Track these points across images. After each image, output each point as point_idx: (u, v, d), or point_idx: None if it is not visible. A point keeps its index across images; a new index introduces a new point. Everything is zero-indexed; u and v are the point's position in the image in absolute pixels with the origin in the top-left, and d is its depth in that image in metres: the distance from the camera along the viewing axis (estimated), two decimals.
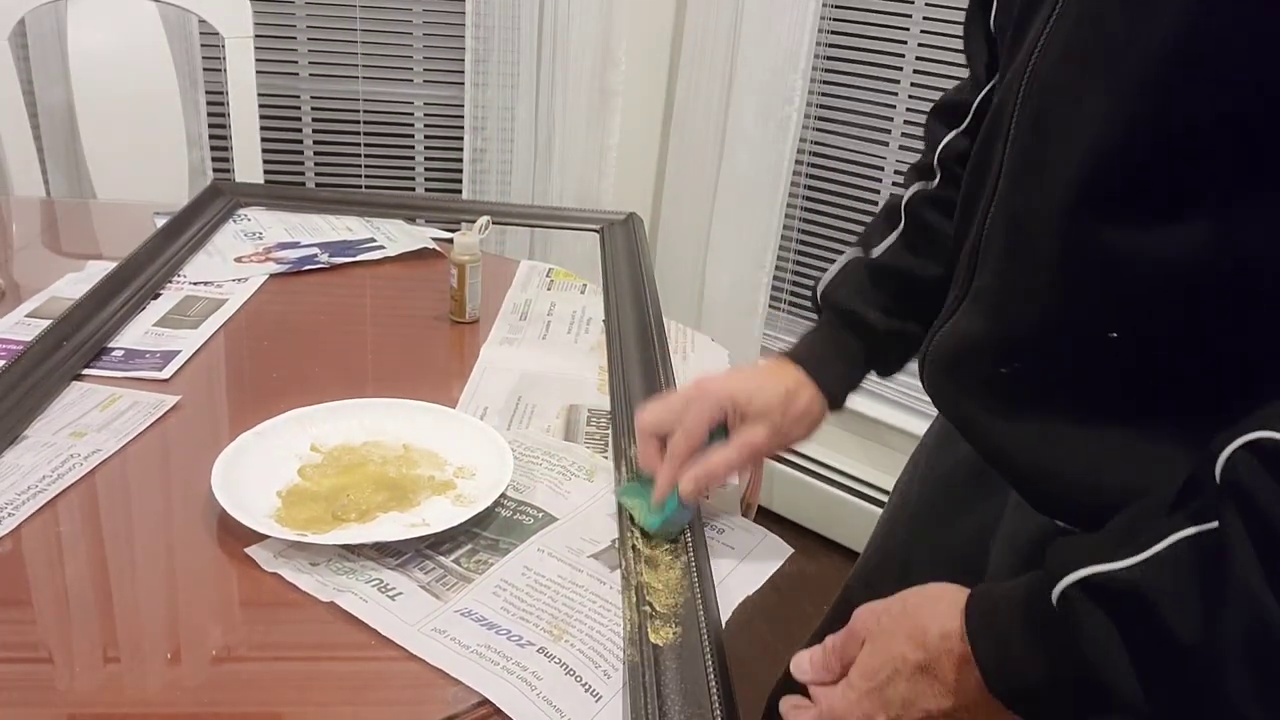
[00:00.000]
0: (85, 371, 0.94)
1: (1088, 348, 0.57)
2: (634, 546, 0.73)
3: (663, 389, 0.96)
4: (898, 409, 1.98)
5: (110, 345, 1.00)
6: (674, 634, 0.65)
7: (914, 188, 0.82)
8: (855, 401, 0.82)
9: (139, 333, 1.03)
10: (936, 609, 0.56)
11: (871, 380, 0.83)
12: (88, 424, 0.85)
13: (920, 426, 1.31)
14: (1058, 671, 0.49)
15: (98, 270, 1.14)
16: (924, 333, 0.74)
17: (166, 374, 0.95)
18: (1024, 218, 0.61)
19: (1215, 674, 0.43)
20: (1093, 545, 0.49)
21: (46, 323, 0.99)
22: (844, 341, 0.81)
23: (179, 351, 0.99)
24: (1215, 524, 0.44)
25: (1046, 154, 0.58)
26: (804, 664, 0.63)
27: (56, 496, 0.76)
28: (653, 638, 0.64)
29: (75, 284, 1.12)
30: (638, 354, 1.03)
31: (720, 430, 0.76)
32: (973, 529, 0.75)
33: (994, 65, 0.72)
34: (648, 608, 0.67)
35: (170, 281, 1.15)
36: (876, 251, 0.83)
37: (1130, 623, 0.46)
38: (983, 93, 0.76)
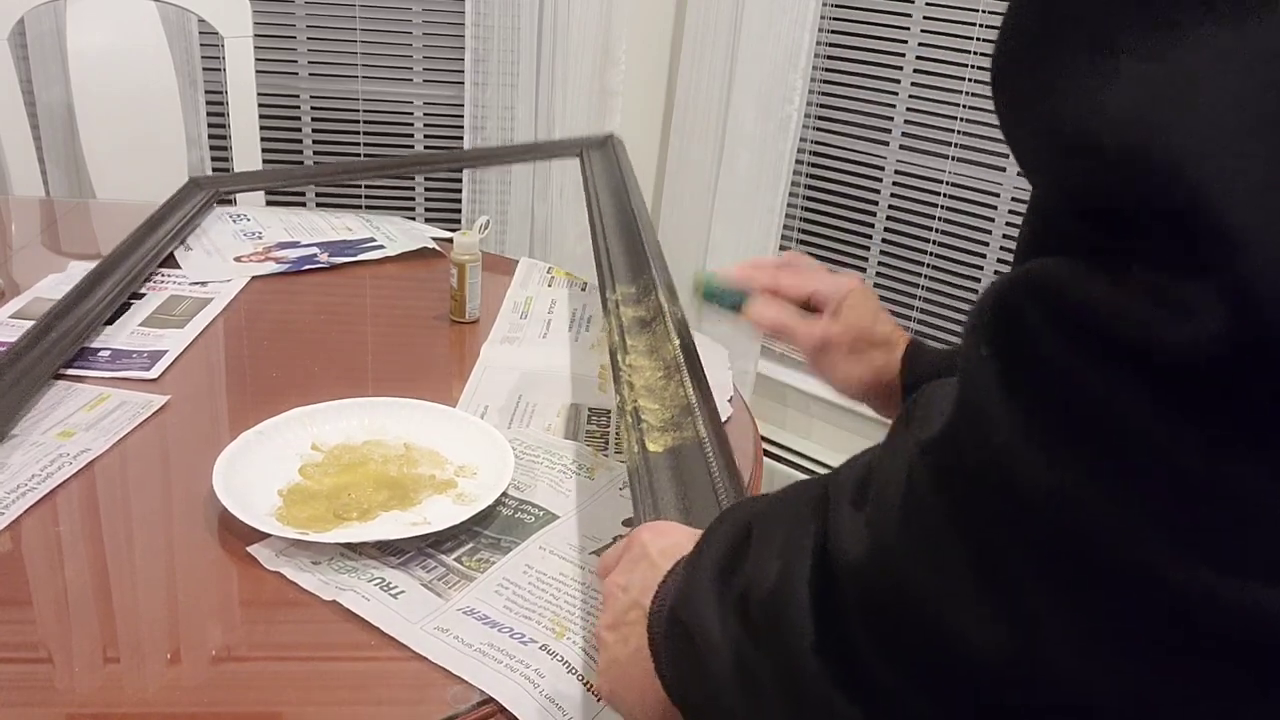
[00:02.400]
0: (71, 372, 0.94)
1: None
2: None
3: (649, 264, 0.99)
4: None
5: (96, 345, 0.99)
6: None
7: None
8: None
9: (125, 333, 1.02)
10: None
11: None
12: (75, 423, 0.85)
13: None
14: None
15: (79, 270, 1.14)
16: None
17: (154, 374, 0.95)
18: None
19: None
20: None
21: (29, 323, 0.98)
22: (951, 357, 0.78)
23: (166, 351, 0.99)
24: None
25: None
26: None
27: (46, 495, 0.75)
28: None
29: (58, 285, 1.12)
30: (622, 244, 1.07)
31: None
32: None
33: None
34: None
35: (157, 279, 1.14)
36: None
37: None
38: None
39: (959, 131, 1.84)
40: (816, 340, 0.78)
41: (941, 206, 1.90)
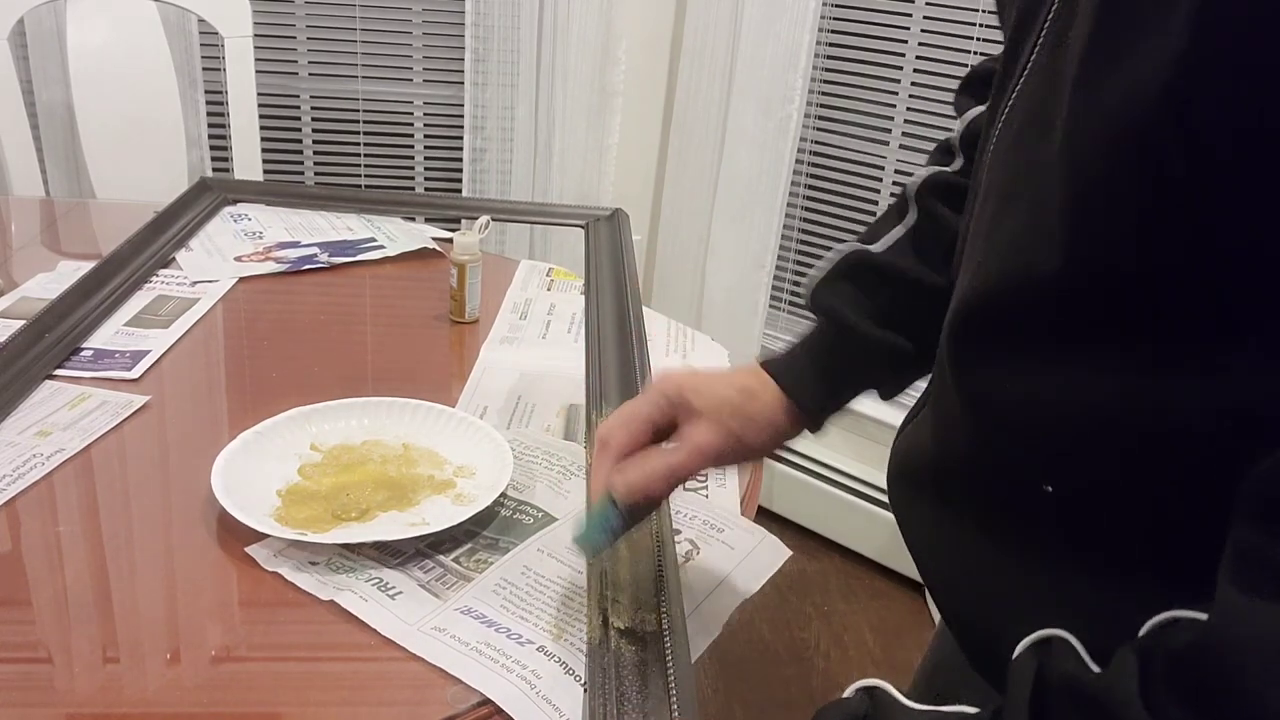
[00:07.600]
0: (55, 371, 0.93)
1: (1003, 490, 0.50)
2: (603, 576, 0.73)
3: (638, 386, 0.96)
4: (898, 408, 1.98)
5: (80, 345, 0.99)
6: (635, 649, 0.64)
7: (928, 171, 0.72)
8: (855, 400, 0.78)
9: (110, 333, 1.02)
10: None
11: None
12: (54, 423, 0.85)
13: None
14: None
15: (68, 269, 1.14)
16: (918, 351, 0.66)
17: (135, 374, 0.94)
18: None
19: None
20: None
21: (17, 323, 0.98)
22: (827, 349, 0.69)
23: (149, 351, 0.99)
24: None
25: (977, 240, 0.52)
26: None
27: (19, 493, 0.75)
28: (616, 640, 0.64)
29: (47, 283, 1.11)
30: (615, 350, 1.03)
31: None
32: None
33: None
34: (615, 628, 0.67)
35: (154, 279, 1.15)
36: (878, 247, 0.70)
37: None
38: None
39: None
40: (702, 453, 0.63)
41: None
